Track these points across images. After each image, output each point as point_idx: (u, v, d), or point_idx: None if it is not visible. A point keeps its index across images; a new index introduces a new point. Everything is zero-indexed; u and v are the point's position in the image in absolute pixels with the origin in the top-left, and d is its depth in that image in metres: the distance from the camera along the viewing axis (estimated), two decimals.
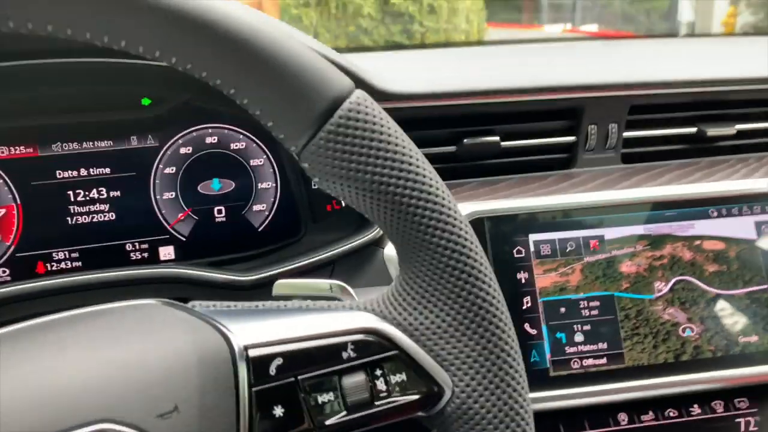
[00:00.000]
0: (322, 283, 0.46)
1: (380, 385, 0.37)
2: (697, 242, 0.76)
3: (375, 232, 0.71)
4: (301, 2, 7.06)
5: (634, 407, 0.80)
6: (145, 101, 0.72)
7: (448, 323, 0.38)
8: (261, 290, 0.69)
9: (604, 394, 0.71)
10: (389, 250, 0.71)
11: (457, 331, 0.38)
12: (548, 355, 0.71)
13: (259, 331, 0.39)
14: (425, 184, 0.38)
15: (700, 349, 0.74)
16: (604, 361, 0.72)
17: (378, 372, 0.38)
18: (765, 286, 0.76)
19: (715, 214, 0.77)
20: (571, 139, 0.82)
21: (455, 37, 7.23)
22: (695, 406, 0.81)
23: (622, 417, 0.80)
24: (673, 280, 0.75)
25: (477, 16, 7.98)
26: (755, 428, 0.80)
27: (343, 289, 0.46)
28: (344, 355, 0.37)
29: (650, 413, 0.81)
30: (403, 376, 0.38)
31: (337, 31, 7.11)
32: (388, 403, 0.37)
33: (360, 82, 0.66)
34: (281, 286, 0.47)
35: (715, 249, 0.76)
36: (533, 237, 0.74)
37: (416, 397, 0.38)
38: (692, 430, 0.80)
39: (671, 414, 0.81)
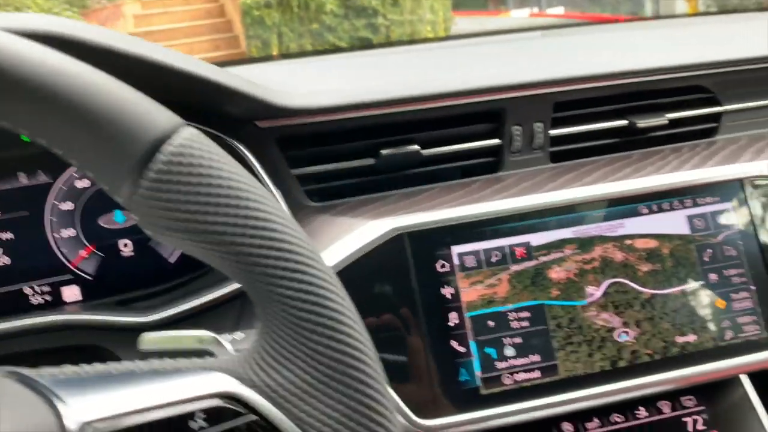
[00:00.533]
0: (190, 336, 0.42)
1: None
2: (628, 242, 0.73)
3: None
4: (262, 3, 6.96)
5: (578, 416, 0.78)
6: (24, 137, 0.67)
7: (308, 383, 0.34)
8: (170, 328, 0.65)
9: (539, 409, 0.68)
10: None
11: (318, 390, 0.34)
12: (478, 373, 0.68)
13: (100, 403, 0.35)
14: (267, 228, 0.34)
15: (637, 354, 0.71)
16: (537, 374, 0.69)
17: None
18: (700, 283, 0.73)
19: (646, 210, 0.74)
20: (495, 142, 0.79)
21: (420, 29, 7.19)
22: (641, 408, 0.79)
23: (567, 427, 0.77)
24: (606, 284, 0.72)
25: (442, 5, 7.94)
26: (703, 427, 0.78)
27: (214, 340, 0.42)
28: (193, 425, 0.34)
29: (595, 420, 0.78)
30: None
31: (301, 29, 7.03)
32: None
33: (254, 100, 0.62)
34: (148, 340, 0.43)
35: (648, 247, 0.74)
36: (456, 249, 0.70)
37: None
38: None
39: (617, 419, 0.78)
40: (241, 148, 0.65)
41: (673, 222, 0.74)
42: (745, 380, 0.81)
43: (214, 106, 0.63)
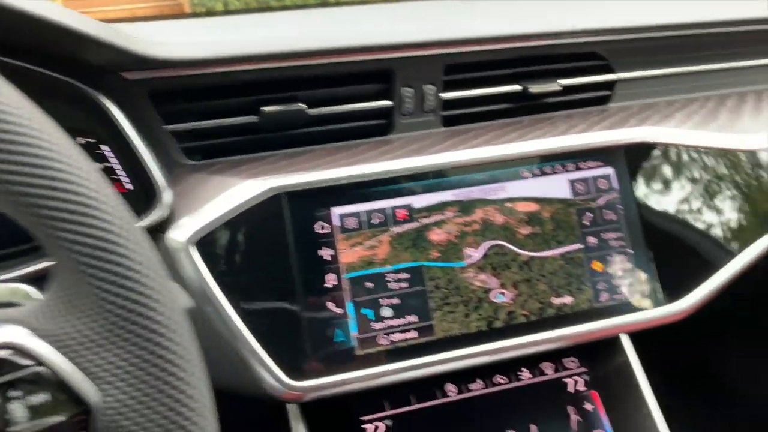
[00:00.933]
0: (4, 288, 0.40)
1: (17, 410, 0.32)
2: (509, 205, 0.74)
3: (153, 216, 0.64)
4: None
5: (462, 378, 0.79)
6: None
7: (96, 331, 0.33)
8: None
9: (415, 369, 0.69)
10: (174, 235, 0.65)
11: (106, 339, 0.33)
12: (354, 334, 0.68)
13: None
14: (49, 167, 0.32)
15: (513, 315, 0.72)
16: (414, 334, 0.69)
17: (14, 394, 0.32)
18: (579, 246, 0.75)
19: (528, 174, 0.75)
20: (385, 103, 0.77)
21: None
22: (524, 370, 0.81)
23: (450, 388, 0.78)
24: (485, 246, 0.72)
25: None
26: (584, 388, 0.81)
27: (26, 294, 0.40)
28: None
29: (478, 382, 0.79)
30: (47, 396, 0.32)
31: None
32: (26, 430, 0.32)
33: (113, 48, 0.59)
34: None
35: (528, 210, 0.74)
36: (337, 210, 0.69)
37: (61, 419, 0.33)
38: (522, 395, 0.80)
39: (500, 380, 0.80)
40: (102, 98, 0.62)
41: (555, 186, 0.75)
42: (626, 342, 0.84)
43: (72, 54, 0.59)
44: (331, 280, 0.68)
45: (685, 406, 0.88)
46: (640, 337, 0.86)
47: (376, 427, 0.74)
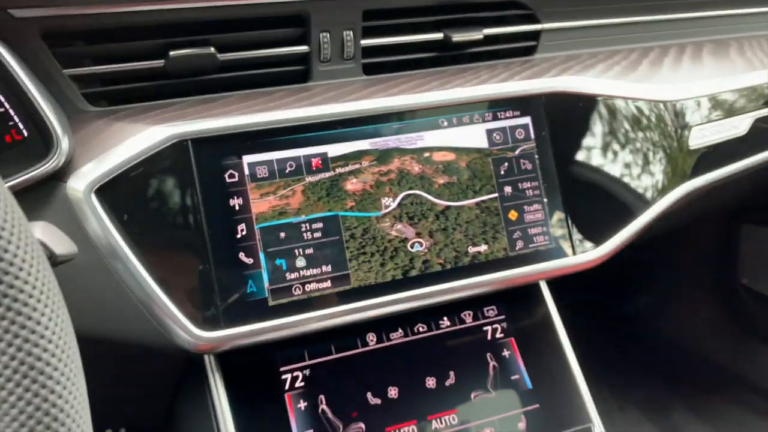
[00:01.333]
0: None
1: None
2: (427, 154, 0.73)
3: (51, 163, 0.61)
4: None
5: (383, 326, 0.79)
6: None
7: None
8: None
9: (330, 318, 0.68)
10: (74, 183, 0.62)
11: None
12: (266, 284, 0.67)
13: None
14: None
15: (429, 263, 0.72)
16: (328, 284, 0.69)
17: None
18: (494, 195, 0.75)
19: (446, 123, 0.74)
20: (301, 48, 0.75)
21: None
22: (444, 319, 0.82)
23: (371, 338, 0.79)
24: (402, 195, 0.72)
25: None
26: (501, 335, 0.82)
27: None
28: None
29: (399, 330, 0.80)
30: None
31: None
32: None
33: None
34: None
35: (446, 160, 0.74)
36: (247, 159, 0.67)
37: None
38: (442, 343, 0.81)
39: (420, 329, 0.81)
40: None
41: (473, 135, 0.75)
42: (544, 290, 0.86)
43: None
44: (241, 230, 0.67)
45: (598, 350, 0.92)
46: (556, 284, 0.88)
47: (296, 377, 0.74)
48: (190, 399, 0.80)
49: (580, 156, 0.80)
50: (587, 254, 0.77)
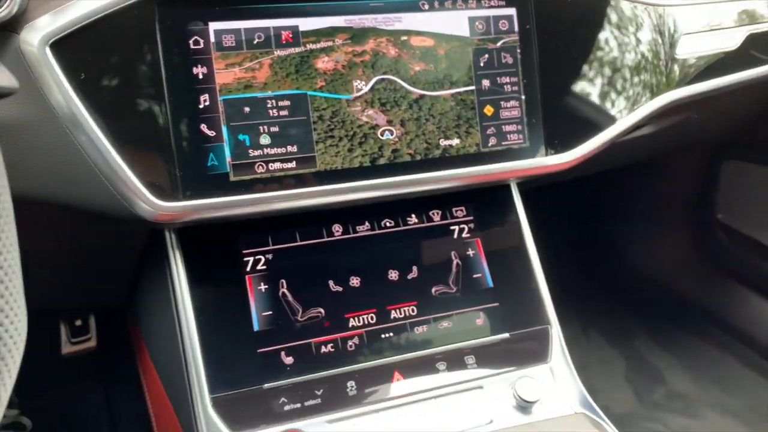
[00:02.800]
0: None
1: None
2: (404, 38, 0.70)
3: (2, 10, 0.58)
4: None
5: (349, 218, 0.79)
6: None
7: None
8: None
9: (292, 198, 0.67)
10: (28, 35, 0.59)
11: None
12: (228, 159, 0.65)
13: None
14: None
15: (398, 153, 0.71)
16: (293, 165, 0.67)
17: None
18: (471, 88, 0.73)
19: (426, 6, 0.71)
20: None
21: None
22: (412, 215, 0.81)
23: (336, 228, 0.78)
24: (375, 79, 0.69)
25: None
26: (468, 234, 0.82)
27: None
28: None
29: (366, 223, 0.79)
30: None
31: None
32: None
33: None
34: None
35: (423, 46, 0.71)
36: (214, 26, 0.64)
37: None
38: (408, 238, 0.81)
39: (387, 224, 0.80)
40: None
41: (454, 22, 0.72)
42: (516, 197, 0.85)
43: None
44: (204, 100, 0.64)
45: (567, 274, 0.92)
46: (530, 197, 0.87)
47: (258, 260, 0.74)
48: (151, 279, 0.80)
49: (564, 55, 0.77)
50: (560, 156, 0.76)
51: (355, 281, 0.76)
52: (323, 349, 0.72)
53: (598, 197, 1.68)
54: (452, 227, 0.82)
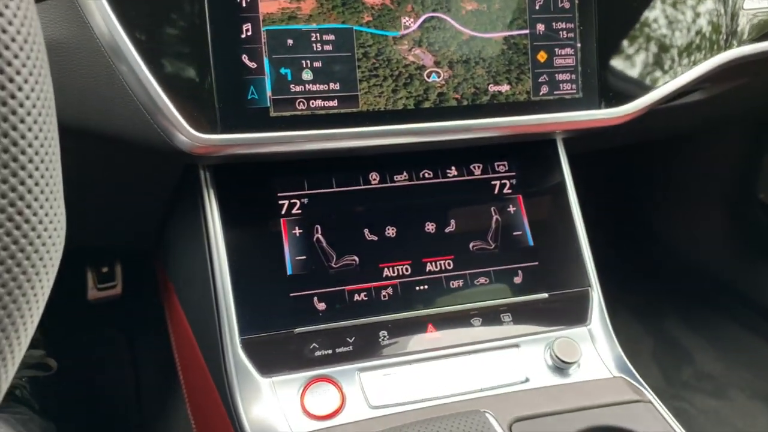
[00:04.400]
0: None
1: None
2: None
3: None
4: None
5: (387, 167, 0.76)
6: None
7: None
8: None
9: (332, 139, 0.64)
10: None
11: None
12: (269, 93, 0.62)
13: None
14: None
15: (445, 96, 0.67)
16: (334, 103, 0.64)
17: None
18: (525, 31, 0.69)
19: None
20: None
21: None
22: (452, 168, 0.78)
23: (374, 176, 0.75)
24: (424, 17, 0.66)
25: None
26: (509, 191, 0.79)
27: None
28: None
29: (404, 174, 0.77)
30: None
31: None
32: None
33: None
34: None
35: None
36: None
37: None
38: (447, 191, 0.78)
39: (426, 175, 0.77)
40: None
41: None
42: (562, 154, 0.81)
43: None
44: (246, 29, 0.61)
45: (593, 234, 0.88)
46: (576, 158, 0.84)
47: (293, 204, 0.71)
48: (183, 218, 0.78)
49: (624, 3, 0.72)
50: (614, 110, 0.72)
51: (390, 231, 0.73)
52: (356, 297, 0.70)
53: (639, 170, 1.63)
54: (493, 182, 0.79)
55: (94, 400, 1.23)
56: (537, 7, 0.68)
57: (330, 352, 0.67)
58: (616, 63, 0.72)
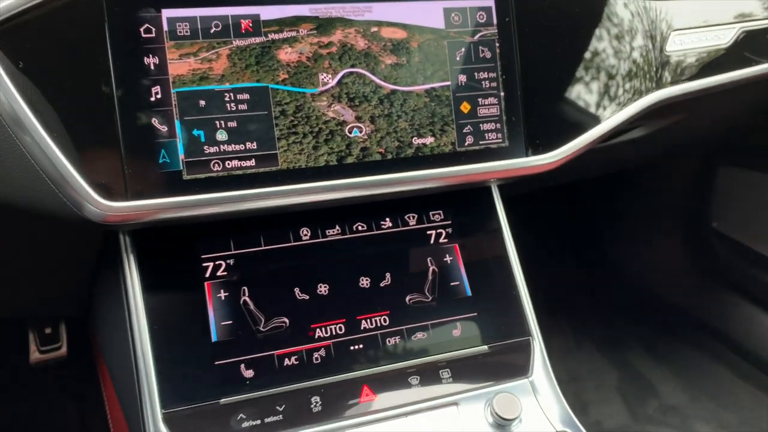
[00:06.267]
0: None
1: None
2: (375, 29, 0.66)
3: None
4: None
5: (318, 221, 0.74)
6: None
7: None
8: None
9: (251, 199, 0.62)
10: None
11: None
12: (182, 156, 0.60)
13: None
14: None
15: (368, 151, 0.66)
16: (252, 162, 0.63)
17: None
18: (447, 83, 0.68)
19: None
20: None
21: None
22: (387, 219, 0.76)
23: (304, 231, 0.73)
24: (343, 72, 0.65)
25: None
26: (445, 240, 0.77)
27: None
28: None
29: (336, 227, 0.75)
30: None
31: None
32: None
33: None
34: None
35: (395, 38, 0.67)
36: (167, 13, 0.59)
37: None
38: (381, 243, 0.76)
39: (359, 228, 0.75)
40: None
41: (428, 13, 0.67)
42: (497, 200, 0.80)
43: None
44: (156, 93, 0.59)
45: (559, 285, 0.87)
46: (515, 205, 0.83)
47: (218, 266, 0.69)
48: (106, 284, 0.75)
49: (546, 50, 0.73)
50: (542, 156, 0.71)
51: (323, 289, 0.71)
52: (286, 362, 0.67)
53: (591, 204, 1.63)
54: (429, 232, 0.77)
55: None
56: (458, 59, 0.68)
57: (258, 422, 0.63)
58: (542, 110, 0.72)
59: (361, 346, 0.70)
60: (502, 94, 0.70)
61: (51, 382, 1.24)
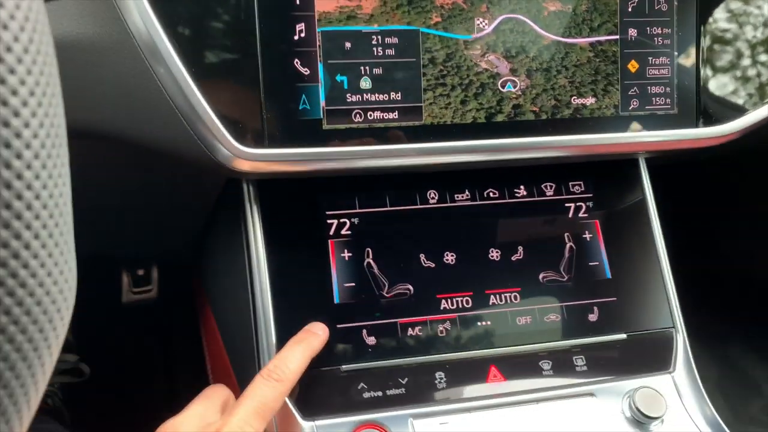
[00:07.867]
0: None
1: None
2: None
3: None
4: None
5: (448, 184, 0.68)
6: None
7: None
8: None
9: (391, 156, 0.57)
10: None
11: None
12: (323, 103, 0.55)
13: None
14: None
15: (521, 109, 0.59)
16: (395, 115, 0.57)
17: None
18: (616, 37, 0.60)
19: None
20: None
21: None
22: (521, 187, 0.69)
23: (432, 194, 0.68)
24: (500, 18, 0.58)
25: None
26: (585, 214, 0.70)
27: None
28: None
29: (466, 192, 0.68)
30: None
31: None
32: None
33: None
34: None
35: None
36: None
37: None
38: (514, 213, 0.69)
39: (491, 194, 0.69)
40: None
41: None
42: (644, 175, 0.72)
43: None
44: (300, 31, 0.54)
45: (691, 260, 0.79)
46: (656, 176, 0.74)
47: (342, 224, 0.64)
48: (223, 235, 0.72)
49: (728, 8, 0.63)
50: (714, 128, 0.62)
51: (449, 257, 0.65)
52: (410, 332, 0.62)
53: (716, 182, 1.49)
54: (567, 204, 0.70)
55: (126, 410, 1.19)
56: (630, 10, 0.59)
57: (380, 394, 0.59)
58: (720, 74, 0.62)
59: (489, 322, 0.64)
60: (676, 53, 0.61)
61: (140, 321, 1.26)
